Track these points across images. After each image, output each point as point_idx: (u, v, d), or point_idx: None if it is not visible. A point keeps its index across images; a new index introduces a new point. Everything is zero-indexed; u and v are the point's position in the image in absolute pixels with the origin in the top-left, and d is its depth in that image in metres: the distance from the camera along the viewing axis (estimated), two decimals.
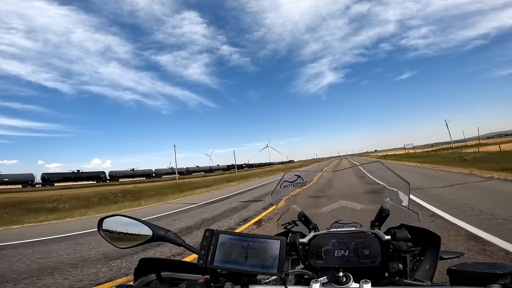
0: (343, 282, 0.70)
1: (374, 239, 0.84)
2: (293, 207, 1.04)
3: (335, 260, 0.82)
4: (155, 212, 9.16)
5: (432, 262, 0.86)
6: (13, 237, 6.31)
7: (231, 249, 0.69)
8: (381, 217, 0.92)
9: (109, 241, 0.87)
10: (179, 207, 9.80)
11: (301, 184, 1.05)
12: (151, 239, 0.83)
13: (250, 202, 9.34)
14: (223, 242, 0.70)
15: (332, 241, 0.86)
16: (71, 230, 6.85)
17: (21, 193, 23.72)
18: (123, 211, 10.90)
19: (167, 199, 13.69)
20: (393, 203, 0.95)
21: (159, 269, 0.89)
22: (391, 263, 0.82)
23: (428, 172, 14.20)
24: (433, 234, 0.89)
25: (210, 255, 0.69)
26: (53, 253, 4.60)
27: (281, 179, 1.05)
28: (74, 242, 5.41)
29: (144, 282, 0.87)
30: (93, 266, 3.77)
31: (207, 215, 7.47)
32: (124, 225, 0.88)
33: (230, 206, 8.84)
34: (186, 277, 0.89)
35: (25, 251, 4.89)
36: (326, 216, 1.02)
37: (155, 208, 10.66)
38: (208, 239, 0.71)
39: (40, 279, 3.37)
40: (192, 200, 11.88)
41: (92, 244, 4.99)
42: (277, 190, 1.04)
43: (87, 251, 4.59)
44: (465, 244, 3.19)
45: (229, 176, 35.33)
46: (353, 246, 0.84)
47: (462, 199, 5.80)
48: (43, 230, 7.25)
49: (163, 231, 0.83)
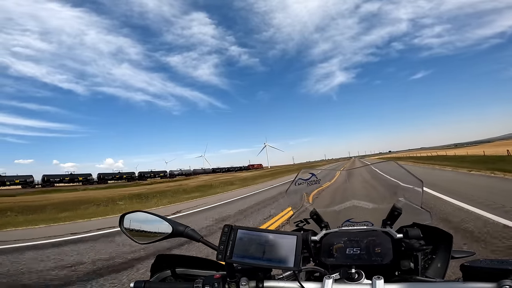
0: (356, 278, 0.72)
1: (386, 237, 0.85)
2: (305, 205, 1.06)
3: (346, 258, 0.84)
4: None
5: (444, 260, 0.86)
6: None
7: (249, 244, 0.70)
8: (393, 216, 0.92)
9: (130, 237, 0.90)
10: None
11: (315, 183, 1.07)
12: (171, 234, 0.85)
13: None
14: (241, 238, 0.72)
15: (343, 239, 0.88)
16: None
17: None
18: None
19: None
20: (406, 202, 0.96)
21: (174, 265, 0.91)
22: (402, 261, 0.83)
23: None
24: (445, 233, 0.89)
25: (229, 250, 0.70)
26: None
27: (296, 177, 1.07)
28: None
29: (159, 278, 0.89)
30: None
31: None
32: (144, 221, 0.90)
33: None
34: (200, 273, 0.91)
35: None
36: (337, 214, 1.04)
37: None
38: (227, 235, 0.72)
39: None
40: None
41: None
42: (291, 188, 1.06)
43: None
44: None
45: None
46: (364, 244, 0.85)
47: None
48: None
49: (182, 227, 0.85)
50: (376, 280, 0.66)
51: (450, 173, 14.99)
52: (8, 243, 5.91)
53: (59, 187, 54.16)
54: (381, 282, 0.66)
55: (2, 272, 3.96)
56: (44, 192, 38.30)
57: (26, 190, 44.79)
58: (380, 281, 0.66)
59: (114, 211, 10.81)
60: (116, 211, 10.94)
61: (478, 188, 8.35)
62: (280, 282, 0.74)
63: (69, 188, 47.18)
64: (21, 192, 40.42)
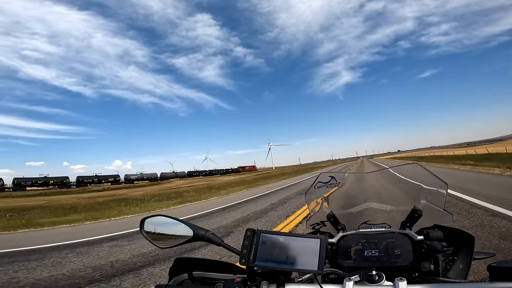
0: (376, 280, 0.72)
1: (406, 239, 0.85)
2: (323, 207, 1.06)
3: (364, 260, 0.84)
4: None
5: (466, 262, 0.86)
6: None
7: (272, 248, 0.70)
8: (413, 218, 0.92)
9: (151, 241, 0.90)
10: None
11: (335, 185, 1.07)
12: (192, 238, 0.85)
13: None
14: (264, 241, 0.72)
15: (361, 241, 0.88)
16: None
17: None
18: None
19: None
20: (428, 204, 0.95)
21: (191, 268, 0.91)
22: (423, 262, 0.83)
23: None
24: (467, 234, 0.89)
25: (252, 254, 0.70)
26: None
27: (315, 180, 1.07)
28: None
29: (177, 281, 0.89)
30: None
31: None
32: (165, 225, 0.90)
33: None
34: (217, 276, 0.91)
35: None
36: (354, 217, 1.04)
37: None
38: (249, 239, 0.72)
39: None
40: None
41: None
42: (310, 191, 1.06)
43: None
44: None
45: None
46: (383, 246, 0.85)
47: None
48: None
49: (203, 231, 0.85)
50: (398, 281, 0.66)
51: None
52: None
53: (30, 191, 48.50)
54: (404, 283, 0.65)
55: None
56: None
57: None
58: (403, 283, 0.66)
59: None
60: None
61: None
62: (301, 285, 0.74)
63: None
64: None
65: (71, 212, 13.08)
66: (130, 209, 12.65)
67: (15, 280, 3.74)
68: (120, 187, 49.28)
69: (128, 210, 12.52)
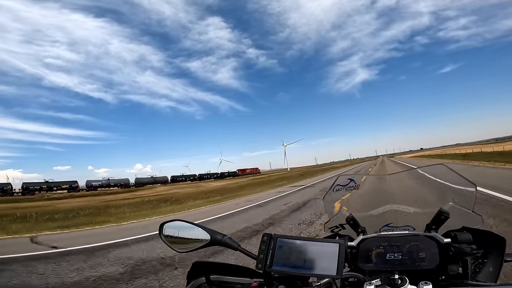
0: (399, 284, 0.69)
1: (431, 242, 0.81)
2: (342, 210, 1.04)
3: (386, 263, 0.81)
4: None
5: (496, 264, 0.81)
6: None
7: (289, 253, 0.70)
8: (439, 220, 0.88)
9: (169, 245, 0.92)
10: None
11: (354, 188, 1.05)
12: (209, 243, 0.86)
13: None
14: (281, 246, 0.71)
15: (383, 244, 0.85)
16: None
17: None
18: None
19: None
20: (455, 206, 0.91)
21: (208, 272, 0.92)
22: (450, 265, 0.79)
23: None
24: (498, 236, 0.84)
25: (269, 259, 0.70)
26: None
27: (334, 183, 1.05)
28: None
29: (195, 285, 0.91)
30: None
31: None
32: (183, 230, 0.92)
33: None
34: (234, 280, 0.91)
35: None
36: (375, 219, 1.01)
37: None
38: (266, 243, 0.72)
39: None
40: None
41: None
42: (329, 194, 1.05)
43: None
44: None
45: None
46: (407, 249, 0.82)
47: None
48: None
49: (220, 235, 0.86)
50: (423, 285, 0.64)
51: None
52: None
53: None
54: (429, 287, 0.63)
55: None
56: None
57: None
58: (429, 287, 0.63)
59: None
60: None
61: None
62: None
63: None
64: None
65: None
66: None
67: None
68: (62, 196, 40.92)
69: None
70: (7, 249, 6.17)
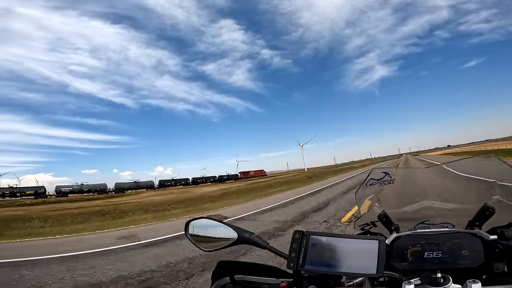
0: (441, 283, 0.65)
1: (475, 239, 0.76)
2: (374, 207, 0.99)
3: (424, 262, 0.76)
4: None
5: None
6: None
7: (323, 251, 0.67)
8: (483, 216, 0.81)
9: (195, 243, 0.91)
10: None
11: (389, 182, 0.99)
12: (236, 241, 0.85)
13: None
14: (314, 244, 0.68)
15: (420, 242, 0.80)
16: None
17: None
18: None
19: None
20: (502, 200, 0.84)
21: (233, 272, 0.91)
22: (496, 263, 0.73)
23: None
24: None
25: (301, 258, 0.67)
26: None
27: (367, 177, 1.00)
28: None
29: (219, 285, 0.89)
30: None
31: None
32: (209, 228, 0.91)
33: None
34: (259, 280, 0.89)
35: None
36: (409, 216, 0.95)
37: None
38: (298, 241, 0.69)
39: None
40: None
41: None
42: (361, 189, 1.00)
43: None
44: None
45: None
46: (447, 247, 0.76)
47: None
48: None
49: (247, 233, 0.84)
50: (471, 283, 0.59)
51: None
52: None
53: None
54: (477, 285, 0.59)
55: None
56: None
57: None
58: (477, 285, 0.59)
59: None
60: None
61: None
62: None
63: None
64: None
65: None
66: None
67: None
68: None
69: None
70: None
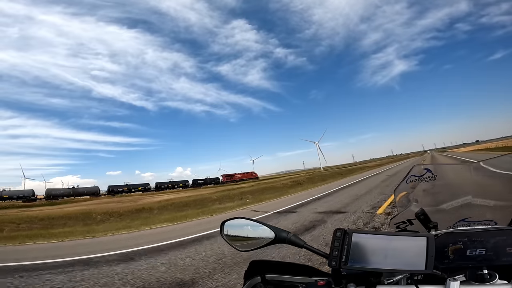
0: (488, 279, 0.64)
1: None
2: (411, 204, 0.98)
3: (466, 259, 0.75)
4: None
5: None
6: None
7: (367, 248, 0.66)
8: None
9: (230, 244, 0.91)
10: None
11: (430, 179, 0.97)
12: (273, 241, 0.84)
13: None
14: (357, 242, 0.67)
15: (462, 240, 0.78)
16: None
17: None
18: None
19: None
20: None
21: (264, 271, 0.90)
22: None
23: None
24: None
25: (344, 256, 0.66)
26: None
27: (408, 174, 0.99)
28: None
29: (250, 285, 0.88)
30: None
31: None
32: (245, 228, 0.91)
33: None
34: (291, 279, 0.88)
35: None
36: (449, 213, 0.93)
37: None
38: (340, 239, 0.68)
39: None
40: None
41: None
42: (401, 185, 0.99)
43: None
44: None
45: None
46: (491, 244, 0.74)
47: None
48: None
49: (284, 233, 0.83)
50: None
51: None
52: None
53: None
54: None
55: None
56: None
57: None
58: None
59: None
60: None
61: None
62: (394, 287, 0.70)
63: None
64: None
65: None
66: None
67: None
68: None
69: None
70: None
